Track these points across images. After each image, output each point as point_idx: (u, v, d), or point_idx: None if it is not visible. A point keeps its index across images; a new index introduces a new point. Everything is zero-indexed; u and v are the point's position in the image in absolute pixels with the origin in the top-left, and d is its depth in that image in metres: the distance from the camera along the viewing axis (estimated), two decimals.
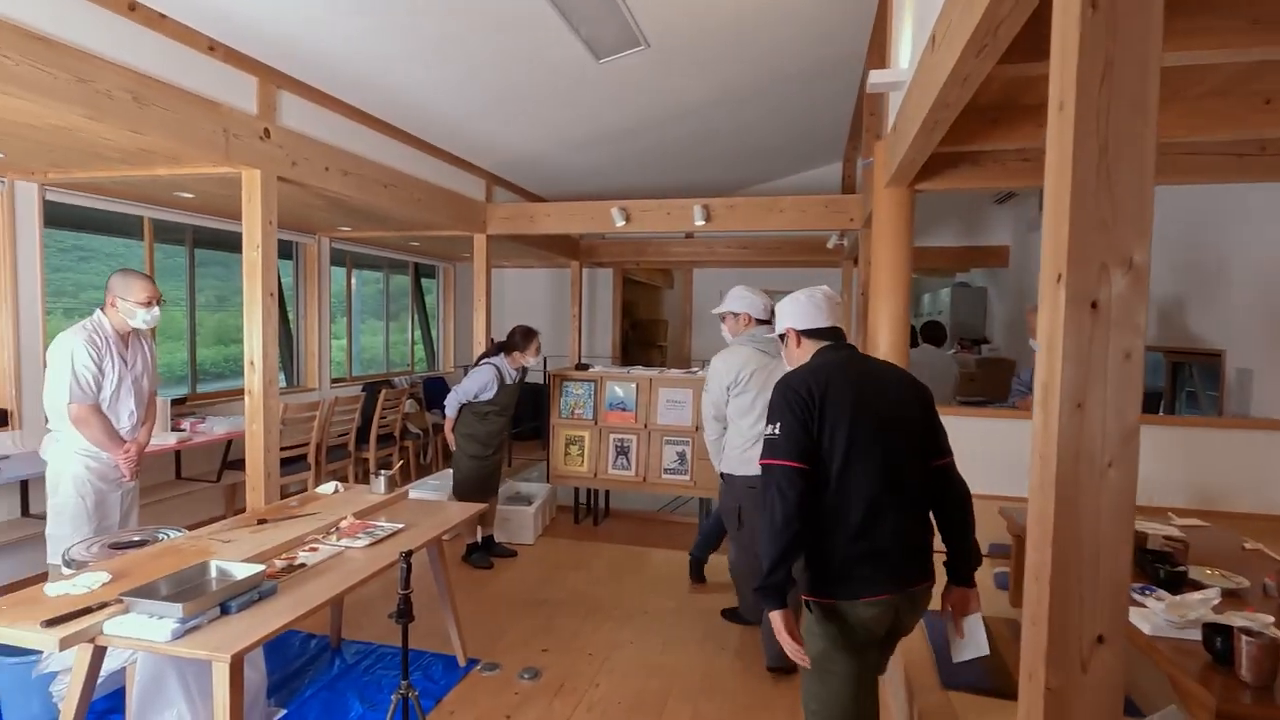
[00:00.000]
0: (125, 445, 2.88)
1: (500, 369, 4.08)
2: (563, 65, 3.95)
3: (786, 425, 1.70)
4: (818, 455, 1.69)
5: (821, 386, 1.73)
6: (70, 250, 4.48)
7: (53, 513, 2.84)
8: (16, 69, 2.24)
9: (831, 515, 1.69)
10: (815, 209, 4.91)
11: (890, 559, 1.69)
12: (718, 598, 3.79)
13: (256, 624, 1.82)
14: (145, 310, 2.81)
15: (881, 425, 1.72)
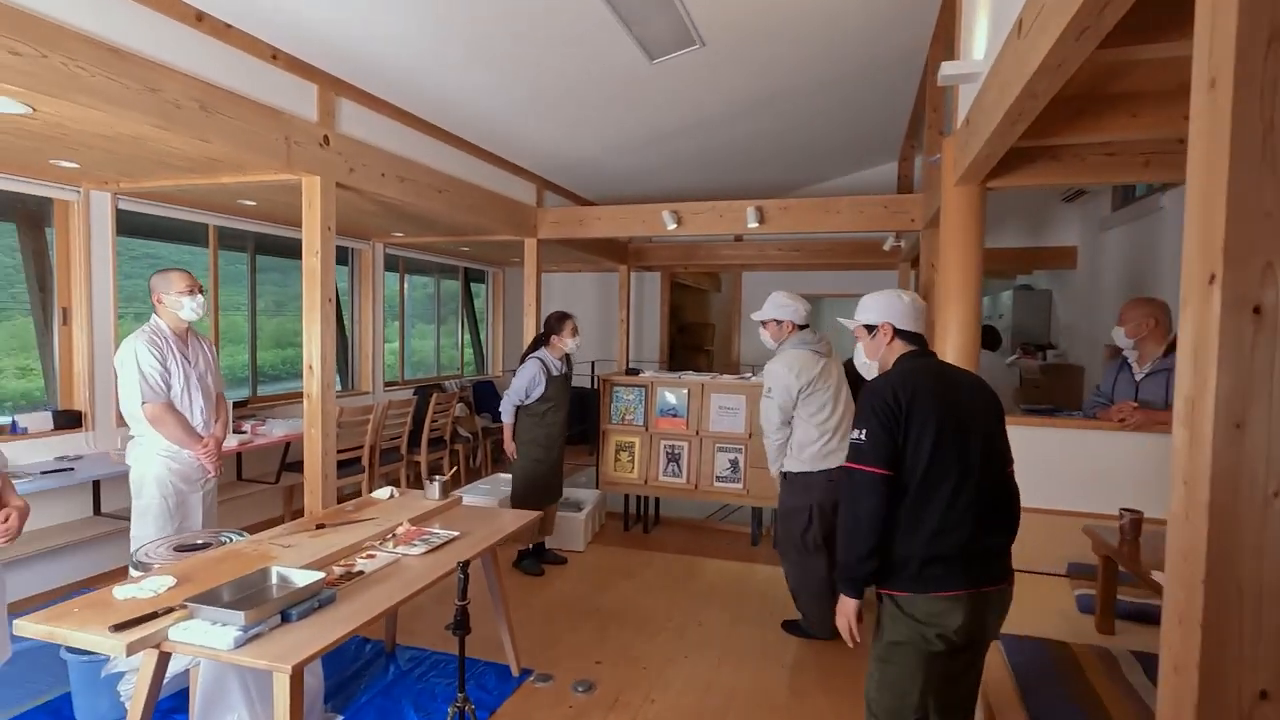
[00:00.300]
0: (204, 440, 2.93)
1: (544, 361, 4.04)
2: (616, 67, 3.90)
3: (873, 432, 1.75)
4: (902, 461, 1.74)
5: (909, 394, 1.76)
6: (141, 258, 4.65)
7: (137, 514, 2.90)
8: (91, 80, 2.29)
9: (912, 516, 1.74)
10: (873, 210, 4.74)
11: (965, 559, 1.73)
12: (774, 611, 3.66)
13: (316, 633, 1.80)
14: (189, 298, 2.86)
15: (963, 431, 1.77)
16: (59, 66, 2.21)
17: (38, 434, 3.64)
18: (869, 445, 1.74)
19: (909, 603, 1.75)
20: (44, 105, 2.36)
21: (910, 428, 1.73)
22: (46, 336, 3.88)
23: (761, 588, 4.02)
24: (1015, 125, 2.30)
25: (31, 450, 3.58)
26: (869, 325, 2.01)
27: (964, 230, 3.20)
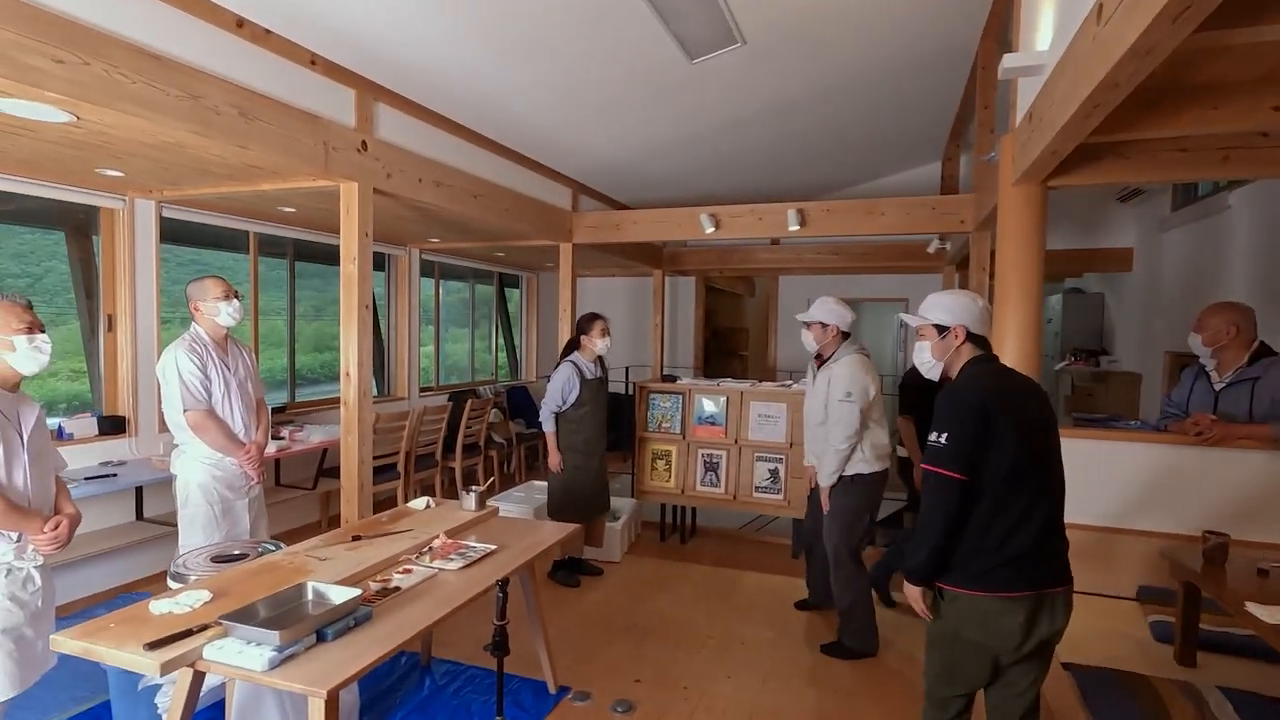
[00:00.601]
0: (245, 447, 2.92)
1: (578, 364, 3.97)
2: (655, 68, 3.82)
3: (956, 437, 1.77)
4: (982, 467, 1.76)
5: (993, 400, 1.79)
6: (188, 264, 4.72)
7: (184, 523, 2.88)
8: (133, 86, 2.28)
9: (987, 520, 1.77)
10: (920, 211, 4.57)
11: (1029, 561, 1.76)
12: (820, 630, 3.52)
13: (352, 654, 1.73)
14: (225, 304, 2.85)
15: (1039, 439, 1.82)
16: (101, 74, 2.20)
17: (83, 439, 3.68)
18: (950, 449, 1.76)
19: (971, 600, 1.80)
20: (87, 113, 2.36)
21: (995, 434, 1.75)
22: (92, 343, 3.93)
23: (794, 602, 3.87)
24: (1089, 119, 2.14)
25: (77, 456, 3.62)
26: (940, 326, 1.97)
27: (1024, 232, 3.04)
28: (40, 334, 1.97)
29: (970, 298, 1.99)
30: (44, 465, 2.06)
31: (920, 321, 2.03)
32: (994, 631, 1.77)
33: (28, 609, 1.96)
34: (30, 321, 1.94)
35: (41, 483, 2.04)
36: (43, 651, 2.02)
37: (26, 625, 1.95)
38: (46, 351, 1.98)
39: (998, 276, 3.18)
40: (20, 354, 1.93)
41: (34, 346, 1.94)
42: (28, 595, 1.97)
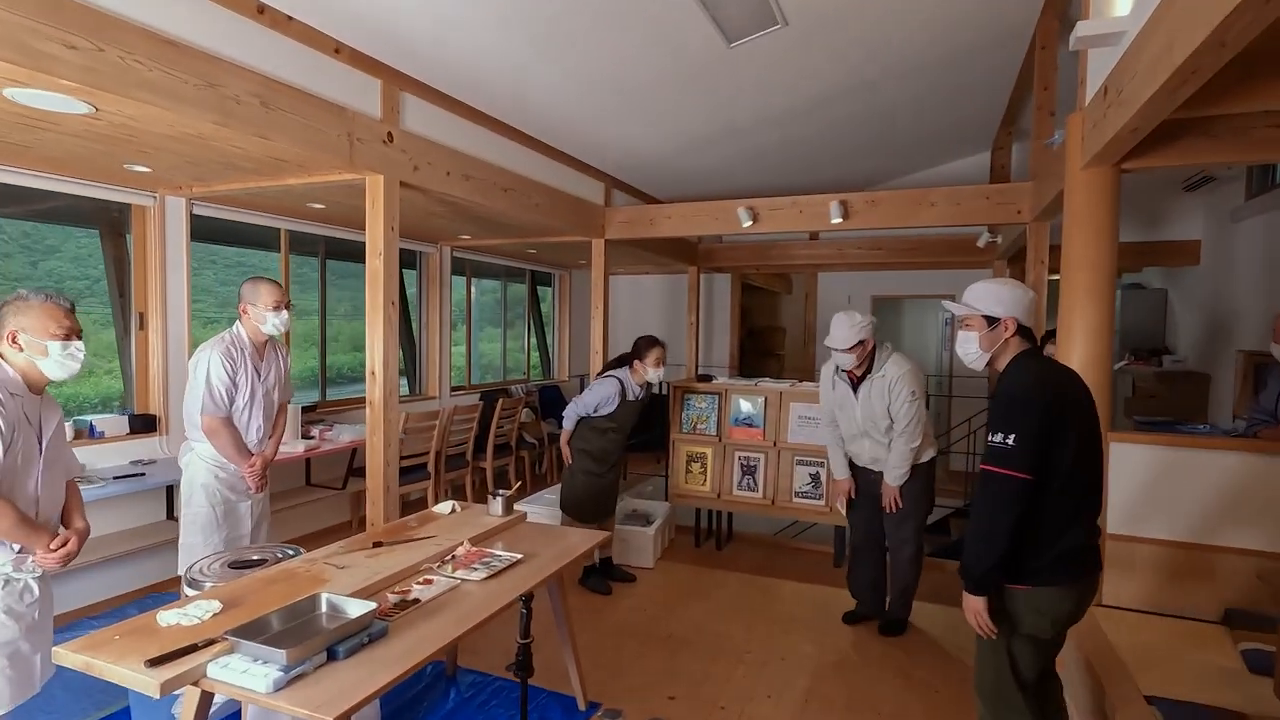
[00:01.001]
0: (251, 459, 2.86)
1: (624, 383, 3.80)
2: (692, 53, 3.64)
3: (1024, 436, 1.72)
4: (1045, 465, 1.73)
5: (1058, 398, 1.77)
6: (235, 265, 4.72)
7: (185, 522, 2.86)
8: (149, 74, 2.20)
9: (1049, 516, 1.77)
10: (974, 202, 4.30)
11: (1082, 553, 1.82)
12: (866, 646, 3.31)
13: (364, 675, 1.61)
14: (274, 314, 2.79)
15: (1090, 436, 1.82)
16: (116, 61, 2.12)
17: (114, 438, 3.67)
18: (1018, 450, 1.71)
19: (1032, 595, 1.81)
20: (106, 104, 2.29)
21: (1058, 433, 1.73)
22: (125, 341, 3.92)
23: (834, 613, 3.66)
24: (1181, 89, 1.91)
25: (108, 454, 3.61)
26: (990, 317, 1.91)
27: (1095, 220, 2.78)
28: (76, 340, 1.91)
29: (1021, 288, 1.94)
30: (57, 471, 1.99)
31: (968, 311, 1.94)
32: (1051, 621, 1.84)
33: (24, 621, 1.87)
34: (69, 328, 1.89)
35: (52, 490, 1.96)
36: (41, 666, 1.93)
37: (22, 639, 1.86)
38: (79, 359, 1.93)
39: (1064, 271, 2.92)
40: (52, 359, 1.87)
41: (67, 354, 1.89)
42: (24, 607, 1.88)
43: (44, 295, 1.89)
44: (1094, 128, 2.61)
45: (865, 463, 3.41)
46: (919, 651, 3.28)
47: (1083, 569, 1.83)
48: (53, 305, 1.89)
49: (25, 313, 1.84)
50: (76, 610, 3.45)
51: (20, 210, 3.60)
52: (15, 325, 1.83)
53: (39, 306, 1.86)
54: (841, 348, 3.20)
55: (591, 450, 3.85)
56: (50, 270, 3.83)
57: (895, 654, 3.26)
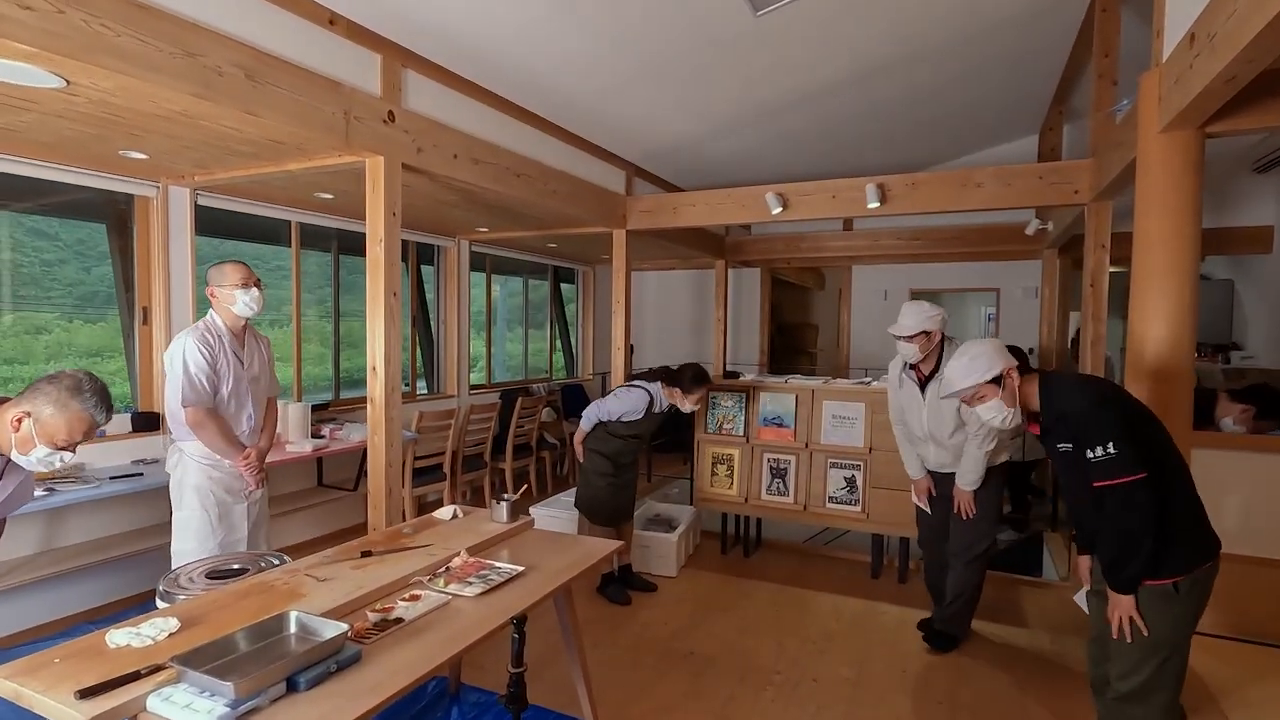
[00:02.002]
0: (245, 451, 2.68)
1: (654, 397, 3.56)
2: (715, 21, 3.37)
3: (1122, 441, 1.78)
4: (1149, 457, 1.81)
5: (1115, 395, 1.92)
6: (236, 258, 4.58)
7: (177, 528, 2.70)
8: (117, 40, 2.03)
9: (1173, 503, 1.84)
10: (1025, 182, 3.94)
11: (1205, 525, 1.91)
12: (908, 666, 3.00)
13: (327, 711, 1.38)
14: (243, 291, 2.63)
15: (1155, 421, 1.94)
16: (80, 25, 1.94)
17: (116, 436, 3.54)
18: (1123, 455, 1.77)
19: (1190, 581, 1.85)
20: (76, 75, 2.12)
21: (1136, 426, 1.83)
22: (129, 337, 3.81)
23: (889, 632, 3.36)
24: None
25: (109, 453, 3.49)
26: (994, 379, 1.99)
27: (1175, 192, 2.45)
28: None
29: (987, 342, 2.06)
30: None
31: (972, 388, 2.01)
32: (1203, 596, 1.88)
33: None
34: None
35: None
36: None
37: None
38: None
39: (1137, 252, 2.59)
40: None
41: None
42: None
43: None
44: (1176, 83, 2.28)
45: (933, 466, 3.17)
46: (968, 675, 2.96)
47: (1213, 539, 1.90)
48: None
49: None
50: (75, 615, 3.33)
51: (30, 205, 3.51)
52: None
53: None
54: (903, 334, 2.98)
55: (607, 453, 3.62)
56: (102, 275, 3.77)
57: (940, 677, 2.95)
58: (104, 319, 3.82)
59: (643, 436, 3.69)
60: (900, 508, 3.95)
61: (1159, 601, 1.84)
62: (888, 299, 7.57)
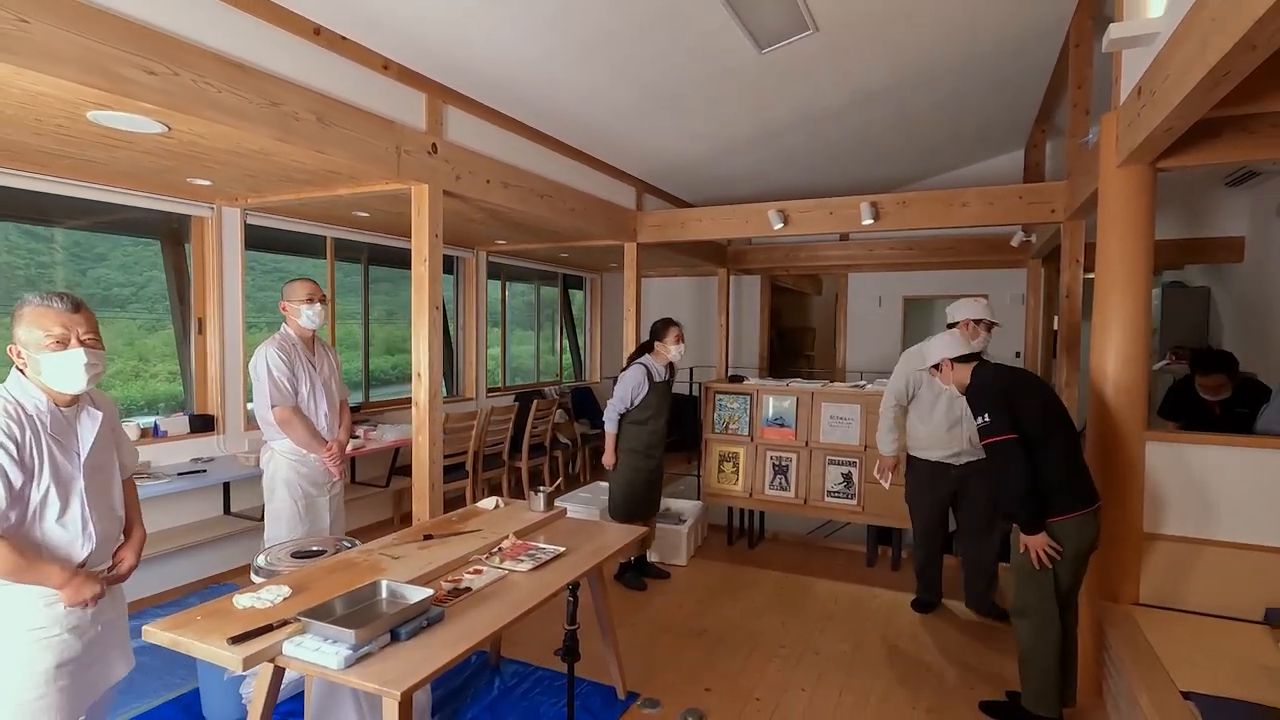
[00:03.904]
0: (328, 444, 3.00)
1: (648, 368, 3.92)
2: (722, 61, 3.72)
3: (994, 410, 2.48)
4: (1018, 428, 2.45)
5: (1000, 383, 2.57)
6: (272, 271, 4.91)
7: (270, 518, 3.00)
8: (219, 95, 2.36)
9: (1048, 464, 2.45)
10: (1006, 201, 4.30)
11: (1082, 484, 2.50)
12: (899, 641, 3.34)
13: (425, 655, 1.72)
14: (307, 306, 2.94)
15: (1043, 400, 2.57)
16: (189, 84, 2.28)
17: (175, 436, 3.87)
18: (995, 421, 2.44)
19: (1065, 524, 2.44)
20: (179, 123, 2.45)
21: (1016, 404, 2.47)
22: (185, 345, 4.13)
23: (883, 613, 3.70)
24: (1215, 90, 1.94)
25: (170, 452, 3.81)
26: (935, 365, 2.81)
27: (1130, 218, 2.80)
28: (75, 348, 1.68)
29: (940, 339, 2.79)
30: (104, 477, 1.82)
31: (926, 369, 2.95)
32: (1085, 539, 2.45)
33: (85, 636, 1.77)
34: (62, 335, 1.67)
35: (101, 498, 1.80)
36: (98, 676, 1.83)
37: (83, 654, 1.77)
38: (79, 369, 1.68)
39: (1099, 269, 2.94)
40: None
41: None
42: (87, 623, 1.77)
43: (39, 298, 1.68)
44: (1129, 126, 2.63)
45: (947, 455, 3.51)
46: (957, 648, 3.30)
47: (1088, 496, 2.47)
48: (44, 308, 1.66)
49: (20, 321, 1.67)
50: (139, 601, 3.64)
51: (87, 222, 3.83)
52: (17, 338, 1.67)
53: (30, 312, 1.66)
54: (963, 318, 3.42)
55: (638, 447, 3.93)
56: (98, 277, 4.04)
57: (932, 650, 3.29)
58: (163, 328, 4.14)
59: (659, 414, 3.94)
60: (893, 501, 4.29)
61: (1053, 534, 2.44)
62: (882, 305, 7.92)
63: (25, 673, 1.68)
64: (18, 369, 1.70)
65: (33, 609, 1.69)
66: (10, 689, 1.67)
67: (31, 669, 1.68)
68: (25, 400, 1.68)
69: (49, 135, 2.63)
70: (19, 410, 1.65)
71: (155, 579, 3.69)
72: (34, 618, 1.69)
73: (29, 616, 1.68)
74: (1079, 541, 2.44)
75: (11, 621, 1.67)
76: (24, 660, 1.68)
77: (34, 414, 1.68)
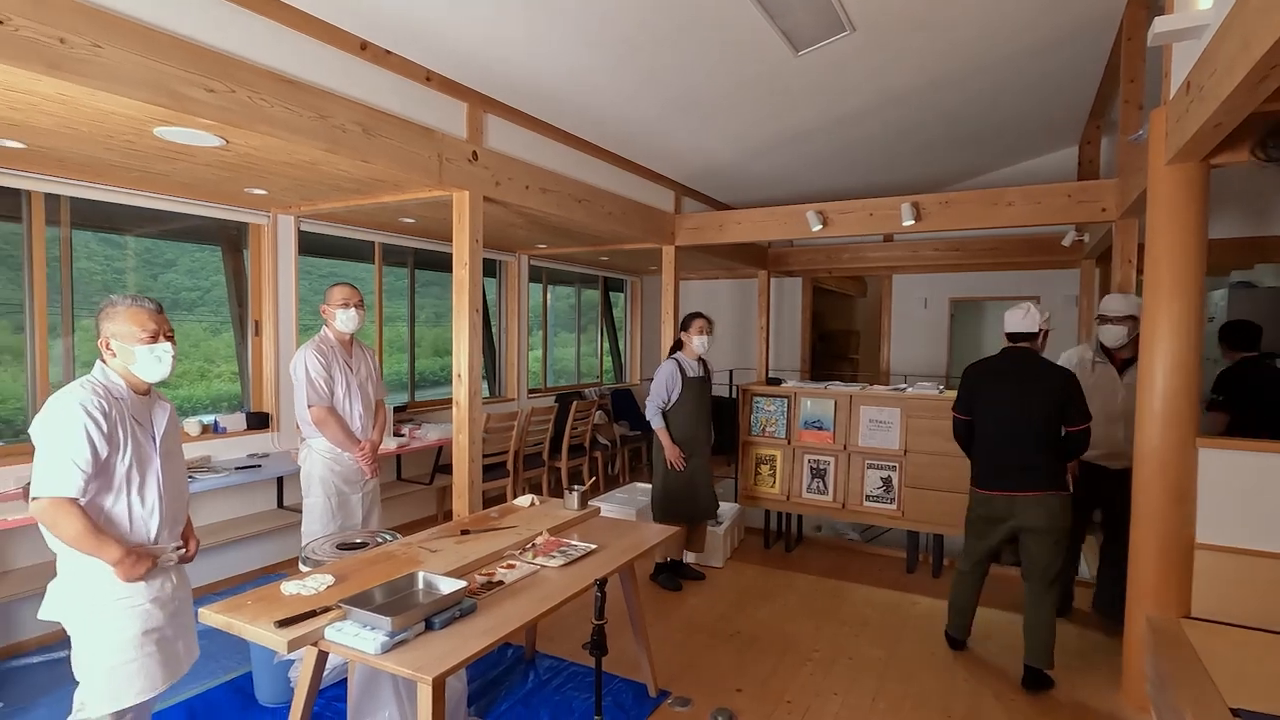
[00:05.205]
0: (361, 444, 3.14)
1: (680, 363, 3.97)
2: (759, 65, 3.73)
3: (959, 394, 3.20)
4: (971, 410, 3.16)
5: (971, 373, 3.17)
6: (329, 276, 5.12)
7: (306, 512, 3.16)
8: (271, 110, 2.50)
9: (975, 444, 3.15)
10: (1054, 200, 4.18)
11: (982, 463, 3.10)
12: (936, 649, 3.29)
13: (457, 644, 1.79)
14: (343, 310, 3.11)
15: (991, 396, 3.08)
16: (245, 100, 2.42)
17: (234, 433, 4.08)
18: (957, 402, 3.17)
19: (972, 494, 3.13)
20: (235, 137, 2.60)
21: (973, 392, 3.12)
22: (243, 347, 4.35)
23: (921, 621, 3.64)
24: (1263, 84, 1.87)
25: (229, 447, 4.02)
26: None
27: (1179, 217, 2.70)
28: (164, 342, 1.94)
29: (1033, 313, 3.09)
30: (176, 465, 2.07)
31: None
32: (977, 507, 3.10)
33: (167, 609, 1.95)
34: (154, 330, 1.92)
35: (174, 481, 2.03)
36: (183, 651, 2.02)
37: (167, 625, 1.95)
38: (168, 360, 1.95)
39: (1148, 269, 2.84)
40: (141, 363, 1.91)
41: (154, 356, 1.92)
42: (167, 595, 1.96)
43: (130, 299, 1.93)
44: (1177, 123, 2.54)
45: (1101, 457, 3.43)
46: (994, 660, 3.23)
47: (992, 483, 3.02)
48: (137, 308, 1.92)
49: (113, 318, 1.90)
50: (199, 588, 3.84)
51: (154, 230, 4.07)
52: (108, 332, 1.90)
53: (124, 311, 1.91)
54: (1114, 314, 3.38)
55: (679, 440, 3.94)
56: (168, 282, 4.29)
57: (968, 659, 3.23)
58: (225, 330, 4.37)
59: (697, 406, 3.94)
60: (934, 506, 4.22)
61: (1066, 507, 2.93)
62: (928, 307, 7.76)
63: (115, 639, 1.87)
64: (101, 360, 1.93)
65: (116, 580, 1.86)
66: (101, 654, 1.86)
67: (120, 635, 1.87)
68: (110, 385, 1.90)
69: (118, 150, 2.82)
70: (107, 392, 1.87)
71: (214, 568, 3.90)
72: (119, 588, 1.87)
73: (115, 586, 1.87)
74: (974, 510, 3.09)
75: (99, 591, 1.86)
76: (113, 627, 1.86)
77: (119, 397, 1.90)
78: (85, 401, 1.80)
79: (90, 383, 1.87)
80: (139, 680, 1.88)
